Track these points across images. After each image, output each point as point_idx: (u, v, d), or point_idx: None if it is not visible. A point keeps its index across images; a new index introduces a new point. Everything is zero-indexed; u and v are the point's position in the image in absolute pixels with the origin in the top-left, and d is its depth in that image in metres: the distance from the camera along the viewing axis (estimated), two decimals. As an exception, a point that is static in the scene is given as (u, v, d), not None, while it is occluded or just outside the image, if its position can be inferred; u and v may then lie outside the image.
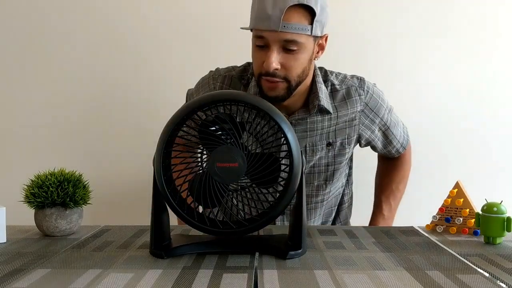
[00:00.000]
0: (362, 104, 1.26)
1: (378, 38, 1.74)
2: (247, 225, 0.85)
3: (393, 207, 1.44)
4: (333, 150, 1.28)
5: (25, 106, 1.77)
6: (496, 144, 1.75)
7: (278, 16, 1.04)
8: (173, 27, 1.75)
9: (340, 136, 1.27)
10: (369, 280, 0.74)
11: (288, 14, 1.05)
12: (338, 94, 1.25)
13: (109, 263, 0.83)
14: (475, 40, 1.74)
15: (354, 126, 1.28)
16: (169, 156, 0.86)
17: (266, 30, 1.07)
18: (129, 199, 1.76)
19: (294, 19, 1.06)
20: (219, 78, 1.27)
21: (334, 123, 1.25)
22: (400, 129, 1.40)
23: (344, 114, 1.26)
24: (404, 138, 1.42)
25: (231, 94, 0.86)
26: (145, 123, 1.75)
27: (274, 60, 1.08)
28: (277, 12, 1.04)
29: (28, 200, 1.02)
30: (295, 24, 1.06)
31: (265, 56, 1.10)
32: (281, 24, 1.05)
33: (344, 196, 1.44)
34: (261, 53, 1.11)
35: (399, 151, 1.42)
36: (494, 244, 0.96)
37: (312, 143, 1.25)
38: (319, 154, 1.27)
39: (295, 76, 1.13)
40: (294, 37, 1.07)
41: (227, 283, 0.73)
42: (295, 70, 1.12)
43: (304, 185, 0.88)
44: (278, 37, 1.07)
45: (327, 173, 1.30)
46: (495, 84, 1.75)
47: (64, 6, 1.75)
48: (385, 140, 1.37)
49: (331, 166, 1.29)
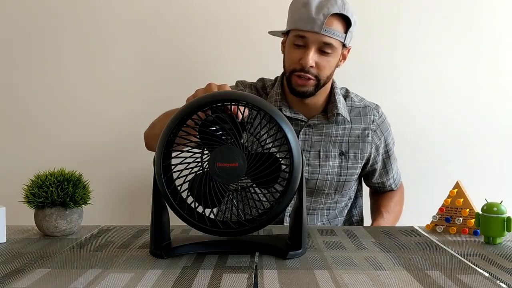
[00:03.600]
0: (375, 125, 1.38)
1: (380, 39, 1.75)
2: (247, 225, 0.85)
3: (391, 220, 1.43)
4: (346, 161, 1.35)
5: (25, 105, 1.77)
6: (496, 144, 1.75)
7: (322, 20, 1.19)
8: (173, 27, 1.75)
9: (353, 148, 1.36)
10: (369, 280, 0.74)
11: (329, 20, 1.20)
12: (355, 109, 1.38)
13: (109, 263, 0.83)
14: (475, 40, 1.74)
15: (367, 143, 1.37)
16: (169, 156, 0.86)
17: (310, 31, 1.21)
18: (129, 199, 1.76)
19: (334, 26, 1.22)
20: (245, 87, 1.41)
21: (347, 134, 1.35)
22: (396, 167, 1.49)
23: (357, 128, 1.37)
24: (397, 176, 1.51)
25: (231, 94, 0.86)
26: (145, 123, 1.75)
27: (312, 58, 1.23)
28: (321, 17, 1.19)
29: (28, 200, 1.02)
30: (334, 30, 1.22)
31: (302, 54, 1.24)
32: (324, 28, 1.19)
33: (352, 211, 1.48)
34: (299, 52, 1.25)
35: (391, 186, 1.49)
36: (494, 244, 0.96)
37: (326, 149, 1.34)
38: (332, 162, 1.34)
39: (324, 76, 1.27)
40: (331, 41, 1.23)
41: (227, 283, 0.73)
42: (325, 71, 1.26)
43: (304, 185, 0.88)
44: (318, 38, 1.22)
45: (339, 182, 1.36)
46: (495, 84, 1.75)
47: (64, 5, 1.75)
48: (383, 169, 1.45)
49: (343, 177, 1.36)
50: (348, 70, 1.58)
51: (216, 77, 1.22)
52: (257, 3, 1.40)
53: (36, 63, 1.76)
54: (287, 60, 1.30)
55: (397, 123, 1.73)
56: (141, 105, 1.76)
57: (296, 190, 0.85)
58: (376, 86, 1.74)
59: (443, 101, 1.75)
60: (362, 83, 1.73)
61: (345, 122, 1.35)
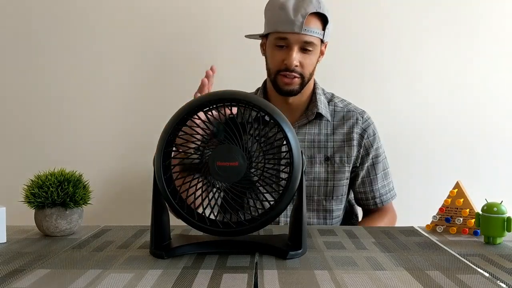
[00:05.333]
0: (360, 128, 1.38)
1: (380, 38, 1.75)
2: (247, 225, 0.85)
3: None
4: (332, 166, 1.35)
5: (25, 105, 1.77)
6: (496, 144, 1.75)
7: (301, 21, 1.24)
8: (173, 27, 1.75)
9: (339, 152, 1.35)
10: (369, 280, 0.74)
11: (308, 19, 1.25)
12: (339, 114, 1.39)
13: (109, 263, 0.83)
14: (475, 41, 1.74)
15: (353, 146, 1.36)
16: (169, 156, 0.86)
17: (290, 32, 1.25)
18: (129, 199, 1.76)
19: (312, 24, 1.26)
20: None
21: (331, 139, 1.35)
22: (387, 183, 1.41)
23: (341, 132, 1.37)
24: (386, 193, 1.41)
25: (231, 94, 0.86)
26: (145, 123, 1.75)
27: (296, 57, 1.27)
28: (299, 18, 1.24)
29: (28, 200, 1.02)
30: (313, 28, 1.26)
31: (285, 55, 1.28)
32: (303, 28, 1.24)
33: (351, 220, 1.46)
34: (281, 53, 1.29)
35: (375, 200, 1.41)
36: (494, 244, 0.96)
37: (310, 154, 1.35)
38: (318, 167, 1.34)
39: (308, 73, 1.31)
40: (312, 39, 1.27)
41: (227, 283, 0.73)
42: (308, 68, 1.31)
43: (304, 185, 0.88)
44: (300, 38, 1.26)
45: (327, 188, 1.35)
46: (496, 84, 1.75)
47: (65, 4, 1.75)
48: (366, 177, 1.39)
49: (330, 182, 1.35)
50: (347, 69, 1.58)
51: (216, 78, 1.22)
52: (258, 4, 1.41)
53: (37, 63, 1.76)
54: (271, 62, 1.33)
55: (397, 123, 1.74)
56: (141, 105, 1.76)
57: (296, 190, 0.85)
58: (376, 86, 1.74)
59: (443, 101, 1.75)
60: (362, 83, 1.73)
61: (328, 125, 1.36)
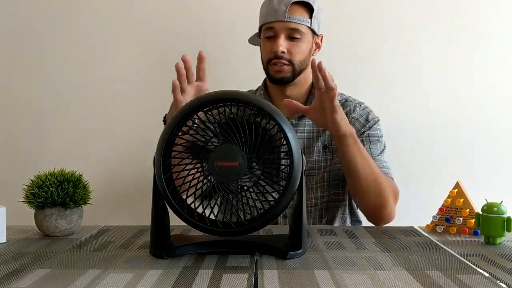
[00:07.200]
0: (357, 113, 1.38)
1: (380, 38, 1.75)
2: (247, 225, 0.85)
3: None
4: (330, 153, 1.37)
5: (25, 105, 1.77)
6: (496, 144, 1.75)
7: (284, 9, 1.30)
8: (174, 26, 1.75)
9: None
10: (369, 280, 0.74)
11: (292, 8, 1.31)
12: None
13: (109, 263, 0.83)
14: (476, 41, 1.74)
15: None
16: (169, 156, 0.86)
17: (275, 21, 1.31)
18: (129, 199, 1.76)
19: (297, 13, 1.32)
20: None
21: None
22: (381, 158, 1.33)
23: None
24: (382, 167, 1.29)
25: (231, 94, 0.86)
26: (145, 123, 1.75)
27: (282, 44, 1.31)
28: (282, 7, 1.30)
29: (28, 200, 1.02)
30: (299, 16, 1.32)
31: (273, 44, 1.33)
32: (287, 15, 1.30)
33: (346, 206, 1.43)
34: (270, 43, 1.34)
35: None
36: (494, 244, 0.96)
37: (308, 145, 1.37)
38: (316, 156, 1.36)
39: (298, 61, 1.34)
40: (297, 27, 1.32)
41: (227, 283, 0.73)
42: (298, 55, 1.33)
43: (304, 185, 0.88)
44: (285, 26, 1.31)
45: (324, 173, 1.35)
46: (496, 84, 1.75)
47: (65, 5, 1.75)
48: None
49: (328, 167, 1.36)
50: (347, 69, 1.58)
51: (216, 78, 1.23)
52: (258, 4, 1.40)
53: (36, 63, 1.76)
54: (262, 53, 1.39)
55: (397, 123, 1.73)
56: (142, 105, 1.76)
57: (296, 190, 0.85)
58: (376, 86, 1.74)
59: (443, 101, 1.75)
60: (362, 83, 1.73)
61: None
